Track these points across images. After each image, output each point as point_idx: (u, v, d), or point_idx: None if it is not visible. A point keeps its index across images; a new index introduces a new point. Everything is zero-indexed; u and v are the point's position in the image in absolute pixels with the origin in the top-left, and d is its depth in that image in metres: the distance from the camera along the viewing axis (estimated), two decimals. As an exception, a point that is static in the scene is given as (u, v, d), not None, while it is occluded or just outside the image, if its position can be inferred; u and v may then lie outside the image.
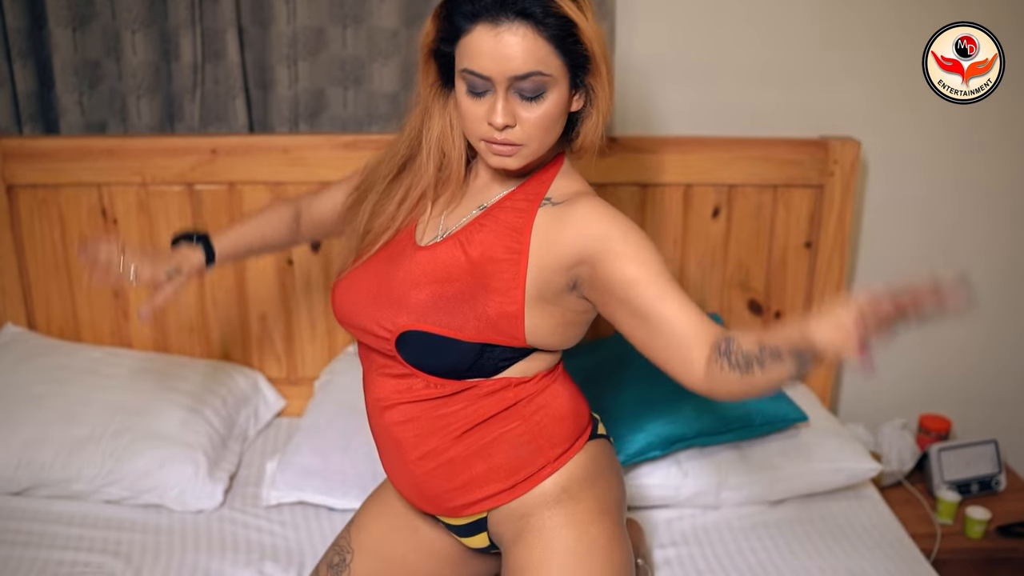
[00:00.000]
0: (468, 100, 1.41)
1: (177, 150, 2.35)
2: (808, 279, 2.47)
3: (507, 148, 1.42)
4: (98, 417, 2.17)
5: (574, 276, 1.43)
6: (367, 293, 1.55)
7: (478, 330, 1.45)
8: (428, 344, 1.46)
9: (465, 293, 1.46)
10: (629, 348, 2.31)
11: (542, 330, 1.48)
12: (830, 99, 2.45)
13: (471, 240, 1.49)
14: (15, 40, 2.31)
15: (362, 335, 1.57)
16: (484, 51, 1.36)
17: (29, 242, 2.40)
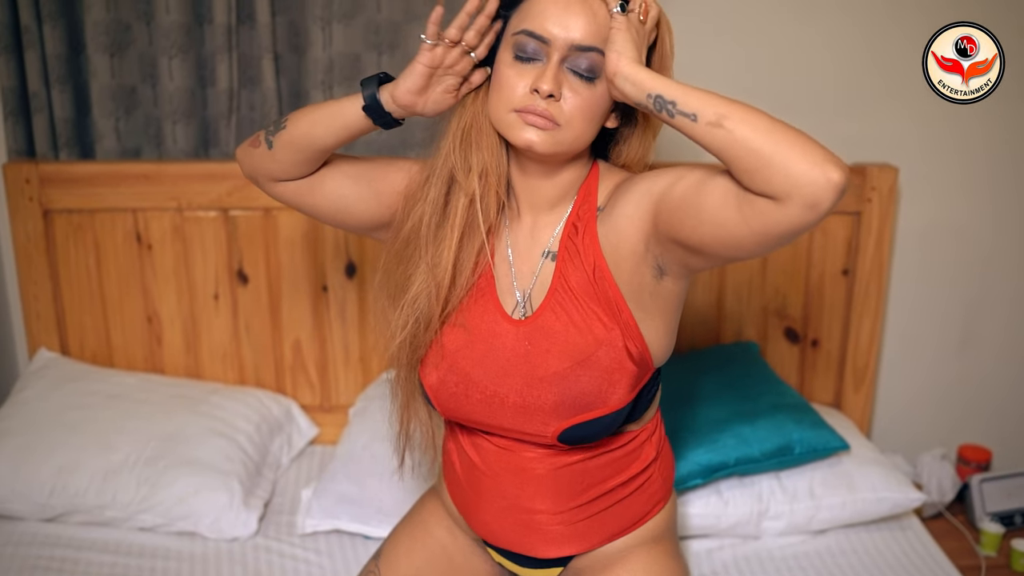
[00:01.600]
0: (511, 67, 1.33)
1: (213, 175, 2.35)
2: (846, 306, 2.45)
3: (543, 120, 1.31)
4: (132, 443, 2.16)
5: (653, 259, 1.35)
6: (489, 386, 1.44)
7: (627, 388, 1.40)
8: (585, 429, 1.42)
9: (596, 356, 1.39)
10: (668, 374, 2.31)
11: (659, 345, 1.43)
12: (866, 125, 2.43)
13: (563, 301, 1.41)
14: (54, 66, 2.32)
15: (497, 430, 1.49)
16: (551, 13, 1.31)
17: (64, 267, 2.40)
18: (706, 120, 1.18)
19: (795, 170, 1.10)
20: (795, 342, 2.50)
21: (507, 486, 1.53)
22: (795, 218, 1.12)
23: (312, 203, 1.54)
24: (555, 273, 1.44)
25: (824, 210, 1.11)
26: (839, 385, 2.50)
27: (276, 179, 1.51)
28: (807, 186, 1.10)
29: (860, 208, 2.37)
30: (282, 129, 1.45)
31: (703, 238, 1.24)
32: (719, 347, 2.48)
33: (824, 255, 2.43)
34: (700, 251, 1.27)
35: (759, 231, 1.17)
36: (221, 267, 2.42)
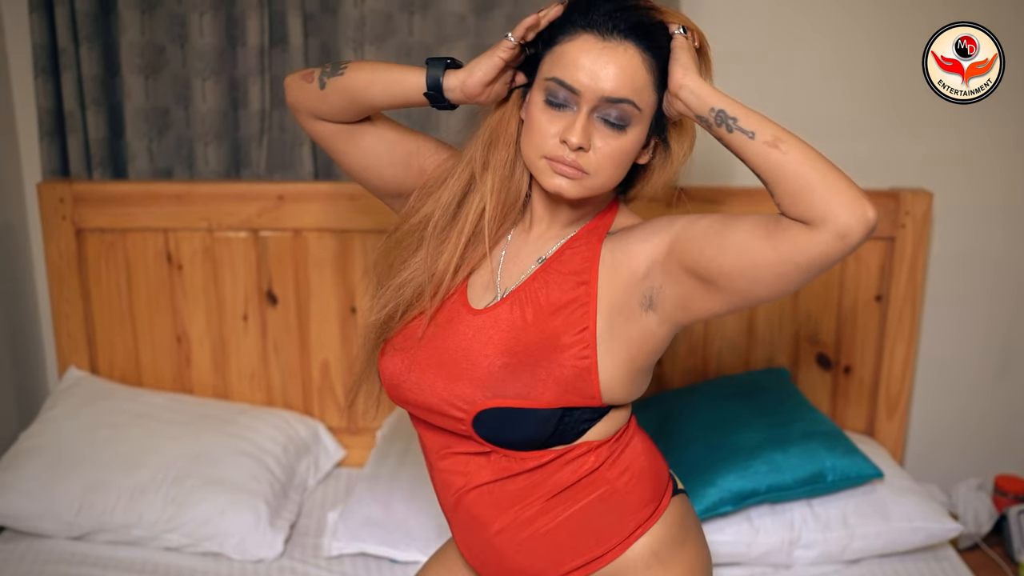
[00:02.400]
0: (543, 112, 1.33)
1: (244, 196, 2.36)
2: (879, 333, 2.42)
3: (572, 171, 1.33)
4: (159, 463, 2.16)
5: (648, 288, 1.35)
6: (428, 368, 1.44)
7: (556, 394, 1.37)
8: (505, 419, 1.38)
9: (535, 356, 1.37)
10: (695, 400, 2.30)
11: (615, 380, 1.40)
12: (900, 150, 2.41)
13: (534, 297, 1.41)
14: (89, 88, 2.35)
15: (427, 414, 1.47)
16: (582, 63, 1.29)
17: (95, 286, 2.41)
18: (763, 139, 1.24)
19: (836, 200, 1.18)
20: (827, 368, 2.47)
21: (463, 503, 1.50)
22: (824, 245, 1.19)
23: (344, 150, 1.55)
24: (535, 272, 1.44)
25: (852, 243, 1.18)
26: (872, 412, 2.47)
27: (318, 117, 1.52)
28: (844, 216, 1.17)
29: (894, 233, 2.35)
30: (339, 75, 1.46)
31: (722, 266, 1.27)
32: (750, 373, 2.45)
33: (857, 281, 2.40)
34: (714, 282, 1.29)
35: (785, 257, 1.21)
36: (250, 287, 2.42)
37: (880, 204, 2.34)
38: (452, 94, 1.41)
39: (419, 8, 2.37)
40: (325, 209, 2.36)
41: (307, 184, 2.38)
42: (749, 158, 1.26)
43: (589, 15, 1.30)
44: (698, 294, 1.32)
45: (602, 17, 1.29)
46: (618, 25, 1.29)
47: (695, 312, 1.35)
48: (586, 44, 1.30)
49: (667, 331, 1.39)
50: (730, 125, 1.27)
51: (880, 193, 2.34)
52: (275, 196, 2.36)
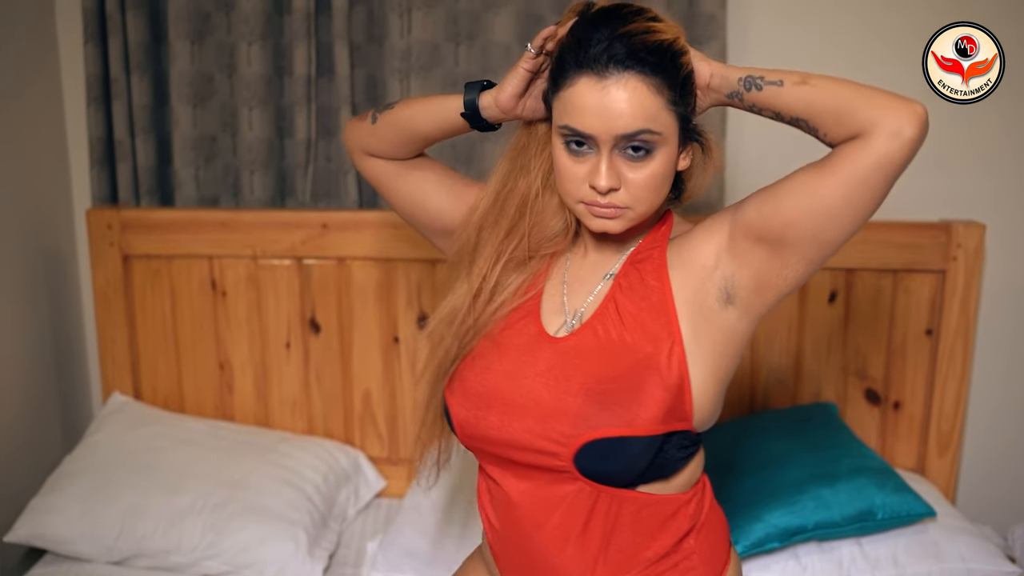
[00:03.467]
0: (566, 158, 1.30)
1: (288, 224, 2.37)
2: (929, 368, 2.37)
3: (610, 211, 1.30)
4: (200, 489, 2.15)
5: (721, 279, 1.33)
6: (514, 404, 1.36)
7: (655, 416, 1.30)
8: (608, 449, 1.31)
9: (629, 377, 1.31)
10: (745, 435, 2.27)
11: (705, 399, 1.33)
12: (951, 181, 2.38)
13: (614, 317, 1.37)
14: (139, 116, 2.38)
15: (513, 452, 1.38)
16: (588, 106, 1.25)
17: (140, 312, 2.43)
18: (792, 83, 1.26)
19: (878, 103, 1.20)
20: (876, 404, 2.42)
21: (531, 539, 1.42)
22: (882, 147, 1.18)
23: (394, 186, 1.57)
24: (608, 292, 1.40)
25: (909, 138, 1.18)
26: (922, 450, 2.41)
27: (369, 153, 1.56)
28: (890, 114, 1.19)
29: (945, 266, 2.30)
30: (389, 109, 1.52)
31: (785, 216, 1.26)
32: (796, 408, 2.40)
33: (907, 314, 2.35)
34: (783, 240, 1.26)
35: (845, 177, 1.21)
36: (294, 315, 2.43)
37: (931, 237, 2.30)
38: (488, 111, 1.42)
39: (465, 39, 2.38)
40: (369, 238, 2.37)
41: (351, 212, 2.39)
42: (786, 105, 1.27)
43: (580, 56, 1.26)
44: (771, 264, 1.29)
45: (594, 56, 1.24)
46: (613, 59, 1.24)
47: (774, 289, 1.31)
48: (586, 88, 1.25)
49: (747, 327, 1.35)
50: (759, 84, 1.28)
51: (931, 225, 2.30)
52: (319, 224, 2.37)
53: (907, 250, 2.31)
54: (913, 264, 2.32)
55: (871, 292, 2.35)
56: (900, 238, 2.31)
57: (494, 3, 2.34)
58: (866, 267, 2.33)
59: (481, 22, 2.37)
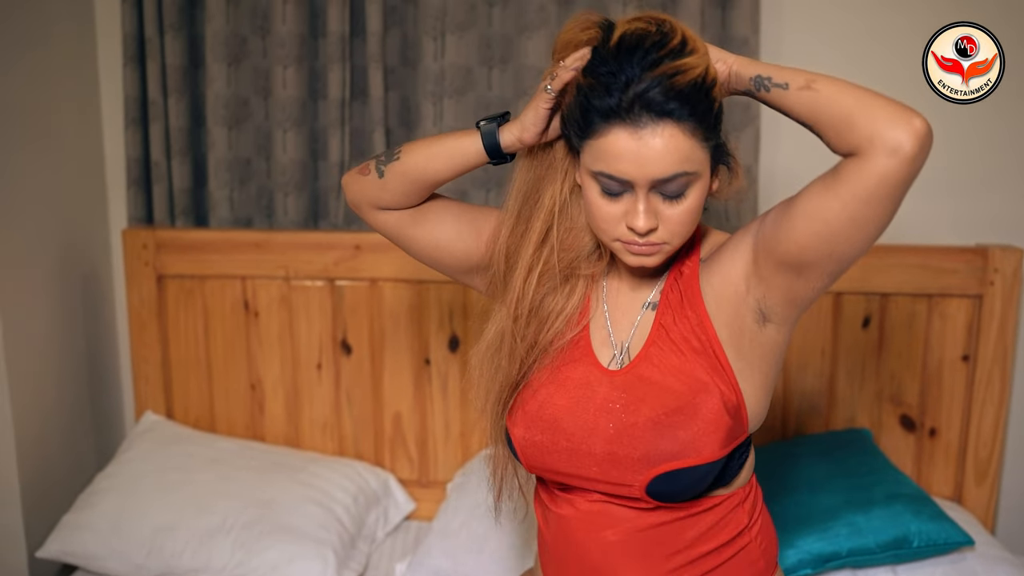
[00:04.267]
0: (601, 201, 1.29)
1: (321, 245, 2.39)
2: (966, 394, 2.33)
3: (649, 248, 1.30)
4: (229, 508, 2.16)
5: (754, 302, 1.33)
6: (579, 438, 1.38)
7: (719, 442, 1.33)
8: (676, 478, 1.34)
9: (689, 408, 1.33)
10: (778, 459, 2.24)
11: (755, 406, 1.37)
12: (988, 206, 2.36)
13: (663, 350, 1.38)
14: (176, 138, 2.41)
15: (582, 482, 1.41)
16: (623, 155, 1.23)
17: (173, 332, 2.45)
18: (797, 86, 1.24)
19: (877, 116, 1.16)
20: (911, 430, 2.38)
21: (592, 552, 1.45)
22: (879, 167, 1.15)
23: (412, 235, 1.52)
24: (655, 323, 1.40)
25: (908, 156, 1.15)
26: (960, 478, 2.37)
27: (381, 207, 1.51)
28: (888, 130, 1.15)
29: (982, 291, 2.27)
30: (395, 160, 1.45)
31: (798, 241, 1.25)
32: (830, 433, 2.37)
33: (942, 339, 2.32)
34: (801, 261, 1.26)
35: (847, 197, 1.18)
36: (325, 337, 2.43)
37: (967, 261, 2.27)
38: (511, 149, 1.40)
39: (498, 62, 2.39)
40: (401, 259, 2.37)
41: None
42: (791, 108, 1.25)
43: (609, 104, 1.22)
44: (795, 282, 1.29)
45: (626, 106, 1.21)
46: (646, 107, 1.21)
47: (805, 299, 1.32)
48: (620, 139, 1.23)
49: (787, 333, 1.37)
50: (767, 85, 1.26)
51: (967, 250, 2.28)
52: (352, 246, 2.38)
53: (943, 275, 2.29)
54: (949, 289, 2.29)
55: (906, 317, 2.33)
56: (936, 262, 2.28)
57: (527, 27, 2.35)
58: (900, 292, 2.31)
59: (514, 46, 2.38)
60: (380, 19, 2.35)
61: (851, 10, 2.35)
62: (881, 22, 2.32)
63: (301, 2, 2.37)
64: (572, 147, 1.34)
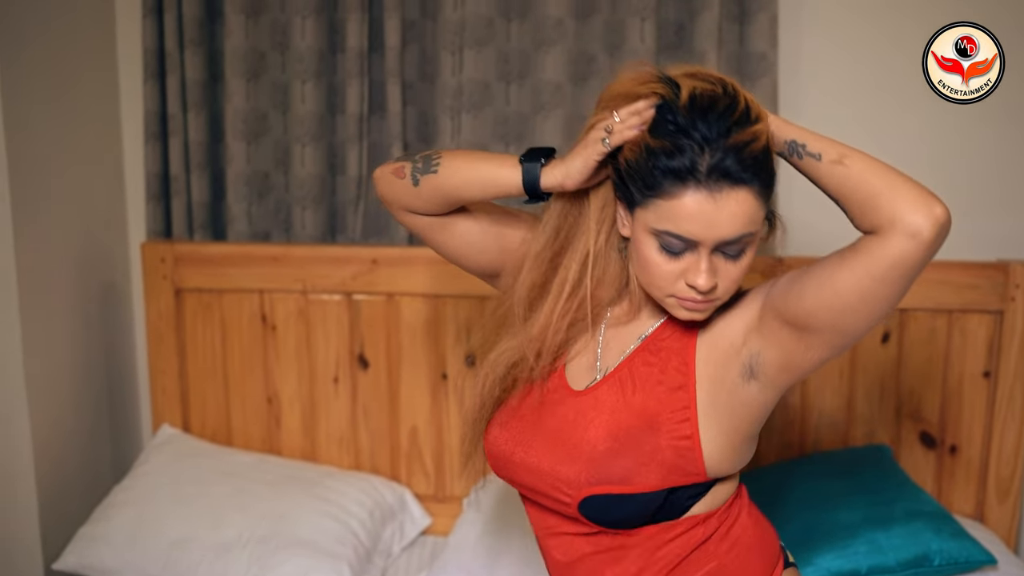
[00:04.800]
0: (659, 258, 1.29)
1: (338, 259, 2.39)
2: (987, 411, 2.31)
3: (703, 304, 1.31)
4: (245, 522, 2.16)
5: (747, 356, 1.34)
6: (532, 448, 1.42)
7: (660, 476, 1.34)
8: (611, 503, 1.35)
9: (636, 438, 1.35)
10: (791, 476, 2.22)
11: (720, 453, 1.36)
12: (1009, 221, 2.34)
13: (632, 378, 1.39)
14: (195, 152, 2.43)
15: (533, 494, 1.46)
16: (696, 217, 1.23)
17: (191, 345, 2.46)
18: (829, 159, 1.25)
19: (901, 199, 1.19)
20: (931, 448, 2.36)
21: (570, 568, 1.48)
22: (896, 248, 1.18)
23: (438, 240, 1.54)
24: (634, 351, 1.42)
25: (925, 241, 1.17)
26: (981, 496, 2.34)
27: (411, 212, 1.51)
28: (910, 214, 1.17)
29: (1003, 307, 2.25)
30: (432, 172, 1.44)
31: (807, 306, 1.26)
32: (849, 450, 2.36)
33: (963, 355, 2.30)
34: (806, 326, 1.27)
35: (861, 272, 1.20)
36: (342, 351, 2.43)
37: (988, 277, 2.26)
38: (551, 190, 1.39)
39: (516, 77, 2.40)
40: (418, 274, 2.37)
41: (401, 249, 2.40)
42: (820, 179, 1.27)
43: (692, 169, 1.22)
44: (796, 346, 1.29)
45: (708, 170, 1.22)
46: (726, 173, 1.22)
47: (798, 368, 1.32)
48: (695, 203, 1.23)
49: (771, 396, 1.37)
50: (800, 152, 1.28)
51: (988, 265, 2.26)
52: (369, 260, 2.38)
53: (963, 290, 2.27)
54: (970, 304, 2.27)
55: (925, 333, 2.31)
56: (956, 278, 2.26)
57: (544, 42, 2.36)
58: (920, 307, 2.29)
59: (532, 61, 2.39)
60: (398, 34, 2.36)
61: (871, 23, 2.34)
62: (901, 35, 2.31)
63: (320, 18, 2.39)
64: (628, 200, 1.31)
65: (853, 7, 2.35)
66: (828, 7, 2.36)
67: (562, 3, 2.33)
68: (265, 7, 2.42)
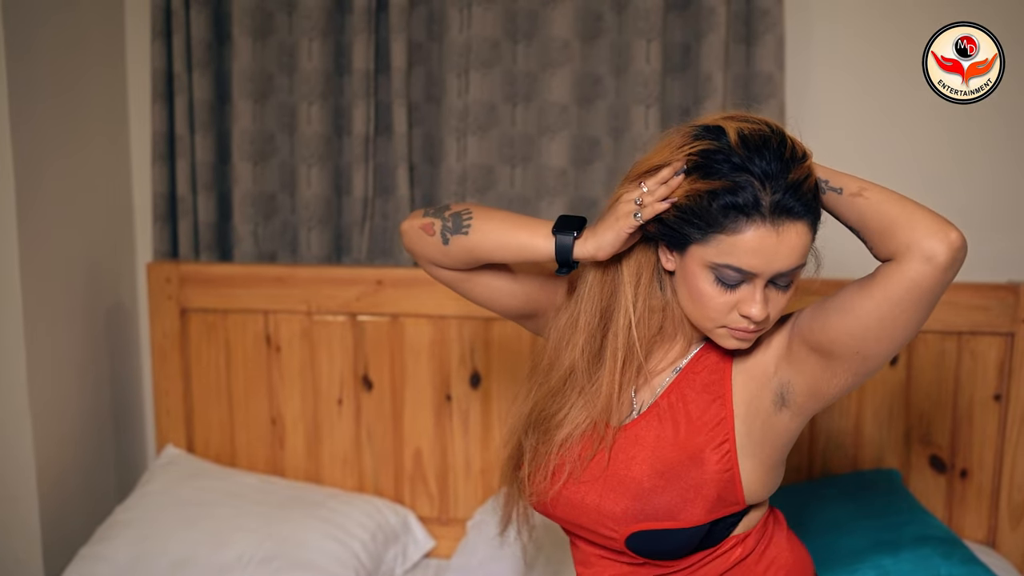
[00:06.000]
0: (713, 287, 1.31)
1: (343, 280, 2.39)
2: (998, 435, 2.28)
3: (753, 335, 1.35)
4: (247, 542, 2.14)
5: (778, 385, 1.38)
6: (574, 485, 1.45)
7: (705, 510, 1.39)
8: (658, 538, 1.40)
9: (679, 472, 1.39)
10: (804, 500, 2.19)
11: (756, 483, 1.41)
12: (1020, 242, 2.31)
13: (672, 412, 1.43)
14: (201, 173, 2.43)
15: (578, 529, 1.49)
16: (760, 251, 1.26)
17: (196, 365, 2.45)
18: (849, 192, 1.30)
19: (918, 225, 1.23)
20: (942, 472, 2.33)
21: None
22: (913, 272, 1.22)
23: (466, 288, 1.55)
24: (671, 385, 1.45)
25: (941, 265, 1.21)
26: (993, 521, 2.30)
27: (439, 266, 1.53)
28: (925, 239, 1.22)
29: (1014, 329, 2.23)
30: (463, 234, 1.46)
31: (829, 333, 1.30)
32: (857, 473, 2.32)
33: (973, 378, 2.27)
34: (830, 353, 1.31)
35: (880, 297, 1.25)
36: (347, 372, 2.43)
37: (999, 298, 2.23)
38: (581, 259, 1.40)
39: (522, 99, 2.40)
40: (423, 295, 2.37)
41: (406, 270, 2.40)
42: (841, 212, 1.32)
43: (756, 206, 1.25)
44: (822, 373, 1.34)
45: (771, 206, 1.25)
46: (787, 210, 1.26)
47: (826, 394, 1.36)
48: (758, 237, 1.26)
49: (799, 423, 1.41)
50: (823, 188, 1.32)
51: (998, 287, 2.24)
52: (374, 281, 2.38)
53: (974, 312, 2.24)
54: (980, 327, 2.25)
55: (935, 355, 2.28)
56: (966, 299, 2.24)
57: (551, 63, 2.36)
58: (930, 329, 2.26)
59: (538, 82, 2.39)
60: (405, 56, 2.37)
61: (878, 44, 2.34)
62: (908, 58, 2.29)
63: (327, 39, 2.40)
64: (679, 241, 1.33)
65: (860, 28, 2.35)
66: (835, 28, 2.35)
67: (568, 25, 2.34)
68: (272, 29, 2.43)
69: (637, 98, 2.32)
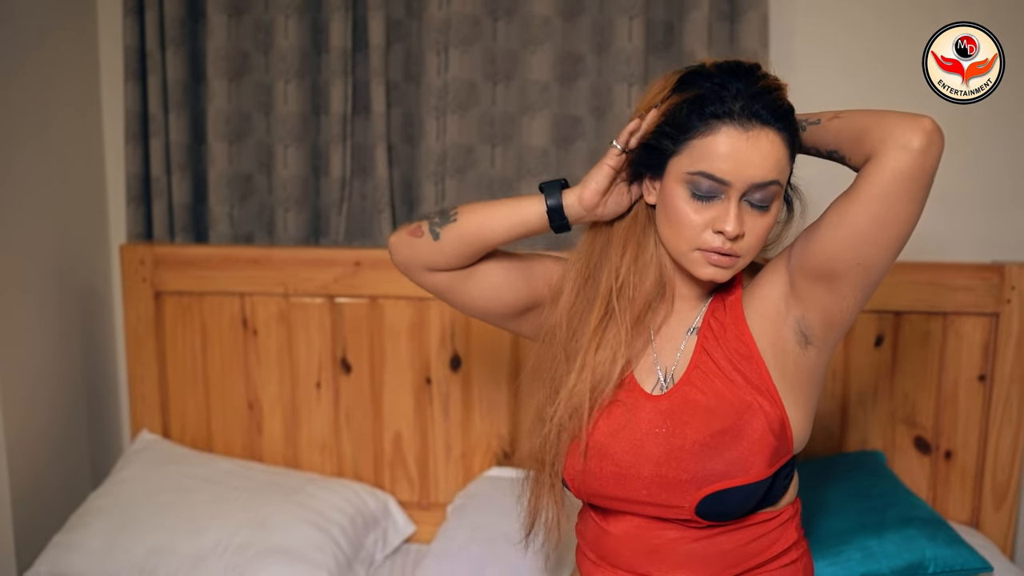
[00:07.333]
0: (688, 204, 1.34)
1: (321, 262, 2.35)
2: (983, 415, 2.26)
3: (728, 259, 1.35)
4: (223, 529, 2.11)
5: (794, 322, 1.39)
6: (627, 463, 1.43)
7: (766, 461, 1.39)
8: (724, 498, 1.39)
9: (735, 428, 1.39)
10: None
11: (800, 426, 1.43)
12: (1005, 223, 2.30)
13: (707, 371, 1.43)
14: (176, 154, 2.39)
15: (629, 506, 1.46)
16: (730, 154, 1.30)
17: (171, 349, 2.41)
18: (827, 118, 1.36)
19: (888, 120, 1.27)
20: (926, 453, 2.31)
21: (642, 569, 1.48)
22: (892, 161, 1.25)
23: (464, 290, 1.54)
24: (697, 347, 1.45)
25: (915, 148, 1.24)
26: (977, 502, 2.29)
27: (434, 269, 1.52)
28: (897, 128, 1.25)
29: (998, 309, 2.21)
30: (452, 222, 1.47)
31: (827, 250, 1.32)
32: (842, 455, 2.31)
33: (958, 359, 2.26)
34: (833, 273, 1.33)
35: (866, 198, 1.27)
36: (325, 355, 2.39)
37: (983, 279, 2.22)
38: (572, 211, 1.44)
39: (502, 78, 2.36)
40: (402, 277, 2.30)
41: (385, 251, 2.34)
42: (823, 140, 1.36)
43: (726, 107, 1.30)
44: (831, 299, 1.35)
45: (740, 108, 1.30)
46: (757, 113, 1.30)
47: (840, 320, 1.38)
48: (729, 137, 1.30)
49: (826, 357, 1.43)
50: (803, 126, 1.38)
51: (983, 267, 2.22)
52: (352, 262, 2.34)
53: (958, 292, 2.23)
54: (964, 307, 2.23)
55: (919, 336, 2.26)
56: (950, 280, 2.22)
57: (532, 41, 2.32)
58: (914, 310, 2.24)
59: (519, 61, 2.35)
60: (383, 34, 2.33)
61: (863, 21, 2.31)
62: (894, 34, 2.28)
63: (303, 17, 2.36)
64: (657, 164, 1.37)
65: (844, 5, 2.32)
66: (819, 5, 2.33)
67: (549, 2, 2.30)
68: (248, 6, 2.38)
69: (619, 76, 2.29)
